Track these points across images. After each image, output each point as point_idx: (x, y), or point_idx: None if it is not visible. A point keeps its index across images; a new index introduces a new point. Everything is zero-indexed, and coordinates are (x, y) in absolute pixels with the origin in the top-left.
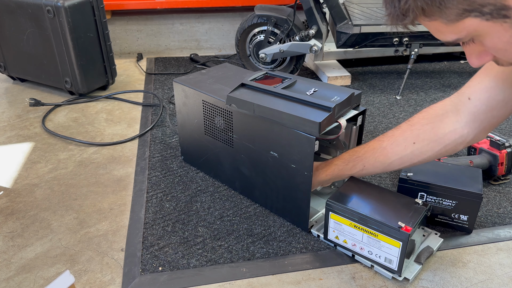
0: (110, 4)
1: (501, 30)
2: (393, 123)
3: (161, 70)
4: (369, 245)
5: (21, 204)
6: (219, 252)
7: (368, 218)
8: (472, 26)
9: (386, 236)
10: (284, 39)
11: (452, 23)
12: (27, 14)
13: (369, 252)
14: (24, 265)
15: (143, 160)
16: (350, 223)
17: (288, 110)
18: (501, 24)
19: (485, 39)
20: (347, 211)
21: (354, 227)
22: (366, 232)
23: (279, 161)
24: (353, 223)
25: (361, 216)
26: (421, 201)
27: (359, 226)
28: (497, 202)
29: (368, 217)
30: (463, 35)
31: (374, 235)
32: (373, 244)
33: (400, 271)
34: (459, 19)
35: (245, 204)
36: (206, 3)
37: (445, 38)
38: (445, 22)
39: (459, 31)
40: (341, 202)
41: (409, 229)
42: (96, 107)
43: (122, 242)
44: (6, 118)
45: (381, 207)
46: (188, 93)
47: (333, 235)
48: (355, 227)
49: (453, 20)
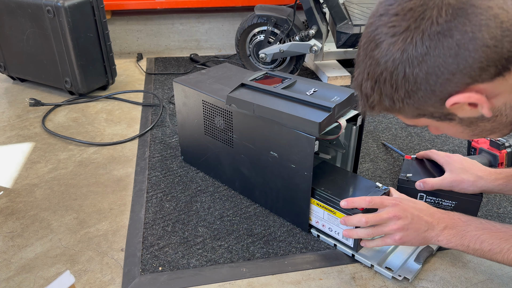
0: (110, 4)
1: (449, 126)
2: (393, 123)
3: (161, 70)
4: (329, 222)
5: (21, 204)
6: (219, 252)
7: (326, 195)
8: (426, 122)
9: (341, 213)
10: (284, 39)
11: (411, 119)
12: (27, 14)
13: (329, 229)
14: (24, 265)
15: (143, 160)
16: (313, 201)
17: (288, 110)
18: (448, 123)
19: (438, 128)
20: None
21: (317, 205)
22: (326, 210)
23: (279, 161)
24: (315, 201)
25: (319, 193)
26: (382, 186)
27: (321, 204)
28: (497, 202)
29: (326, 194)
30: (419, 125)
31: (333, 212)
32: (332, 221)
33: (356, 248)
34: (416, 118)
35: (245, 204)
36: (206, 3)
37: (405, 122)
38: (405, 118)
39: (416, 123)
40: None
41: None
42: (96, 107)
43: (122, 242)
44: (6, 118)
45: (341, 187)
46: (188, 93)
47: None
48: (317, 205)
49: (411, 118)
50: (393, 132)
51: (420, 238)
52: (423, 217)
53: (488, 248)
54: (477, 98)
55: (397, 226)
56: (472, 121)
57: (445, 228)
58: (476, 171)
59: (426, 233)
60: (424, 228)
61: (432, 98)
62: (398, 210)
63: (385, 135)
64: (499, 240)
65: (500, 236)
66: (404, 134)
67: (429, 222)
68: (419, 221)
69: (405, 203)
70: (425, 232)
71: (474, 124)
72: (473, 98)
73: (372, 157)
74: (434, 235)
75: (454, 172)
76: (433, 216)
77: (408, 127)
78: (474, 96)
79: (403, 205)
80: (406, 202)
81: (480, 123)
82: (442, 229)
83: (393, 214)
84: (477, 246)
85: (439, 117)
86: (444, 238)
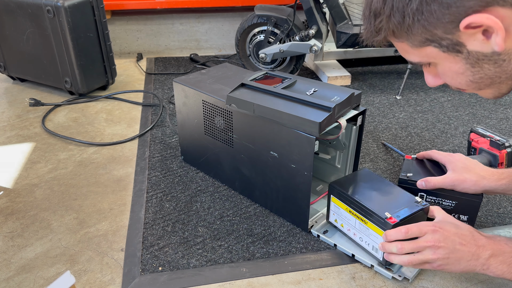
0: (110, 4)
1: (453, 61)
2: (393, 123)
3: (161, 70)
4: (360, 232)
5: (21, 204)
6: (219, 252)
7: (360, 205)
8: (431, 54)
9: (374, 225)
10: (284, 39)
11: (416, 47)
12: (27, 14)
13: (360, 238)
14: (24, 265)
15: (143, 160)
16: (346, 208)
17: (288, 110)
18: (454, 57)
19: (439, 66)
20: (345, 196)
21: (349, 212)
22: (358, 219)
23: (279, 161)
24: (348, 208)
25: (355, 201)
26: (422, 201)
27: (353, 212)
28: (497, 202)
29: (360, 204)
30: (424, 60)
31: (365, 222)
32: (363, 231)
33: (385, 261)
34: (422, 46)
35: (245, 204)
36: (206, 3)
37: (409, 58)
38: (410, 46)
39: (421, 56)
40: (341, 187)
41: (394, 220)
42: (96, 107)
43: (122, 242)
44: (6, 118)
45: (378, 198)
46: (188, 93)
47: (333, 218)
48: (350, 212)
49: (417, 45)
50: (393, 132)
51: (462, 267)
52: (466, 246)
53: None
54: (495, 22)
55: (436, 256)
56: (479, 58)
57: (491, 256)
58: (478, 170)
59: (470, 263)
60: (467, 258)
61: (446, 16)
62: (437, 238)
63: (385, 135)
64: None
65: None
66: (404, 134)
67: (472, 251)
68: (460, 251)
69: (447, 229)
70: (468, 261)
71: (478, 65)
72: (490, 20)
73: (372, 157)
74: (479, 264)
75: (456, 171)
76: (477, 244)
77: (407, 128)
78: (492, 19)
79: (443, 232)
80: (448, 228)
81: (485, 65)
82: (488, 257)
83: (432, 243)
84: None
85: (446, 47)
86: (490, 267)
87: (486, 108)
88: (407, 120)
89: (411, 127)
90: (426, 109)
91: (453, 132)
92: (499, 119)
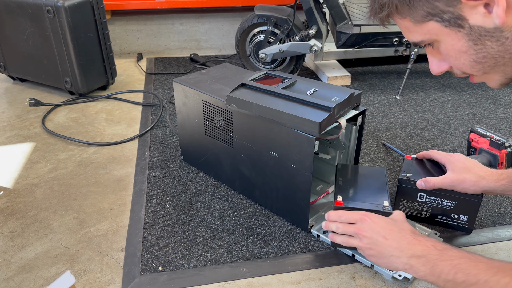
0: (110, 4)
1: (455, 38)
2: (393, 123)
3: (161, 70)
4: None
5: (21, 204)
6: (219, 252)
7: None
8: (434, 30)
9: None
10: (284, 39)
11: (419, 23)
12: (27, 14)
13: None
14: (24, 265)
15: (143, 160)
16: None
17: (288, 110)
18: (456, 33)
19: (441, 45)
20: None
21: None
22: None
23: (279, 161)
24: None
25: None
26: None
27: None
28: (497, 202)
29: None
30: (426, 38)
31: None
32: None
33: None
34: (424, 21)
35: (245, 204)
36: (206, 3)
37: (412, 38)
38: (413, 22)
39: (424, 33)
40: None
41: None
42: (96, 107)
43: (122, 242)
44: (6, 118)
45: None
46: (188, 93)
47: None
48: None
49: (419, 21)
50: (393, 132)
51: (385, 261)
52: (388, 241)
53: (462, 279)
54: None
55: (362, 245)
56: (481, 34)
57: (412, 256)
58: (478, 171)
59: (391, 259)
60: (388, 253)
61: None
62: (363, 227)
63: (385, 135)
64: (478, 271)
65: (480, 267)
66: (404, 134)
67: (393, 247)
68: (382, 245)
69: (375, 220)
70: (389, 257)
71: (481, 41)
72: None
73: (372, 157)
74: (401, 262)
75: (456, 171)
76: (399, 242)
77: (407, 128)
78: None
79: (370, 223)
80: (377, 220)
81: (487, 42)
82: (409, 257)
83: (357, 231)
84: (449, 277)
85: (448, 21)
86: (410, 267)
87: (486, 108)
88: (407, 120)
89: (411, 127)
90: (426, 109)
91: (453, 132)
92: (499, 119)
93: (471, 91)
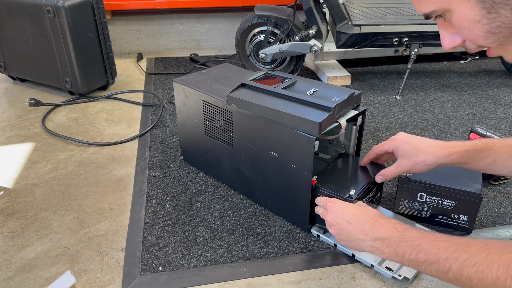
0: (110, 4)
1: (468, 6)
2: (393, 123)
3: (161, 70)
4: None
5: (21, 204)
6: (219, 252)
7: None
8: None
9: None
10: (284, 39)
11: None
12: (27, 14)
13: None
14: (24, 265)
15: (143, 160)
16: None
17: (288, 110)
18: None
19: (453, 15)
20: None
21: None
22: None
23: (279, 161)
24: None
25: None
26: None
27: None
28: (497, 202)
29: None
30: (438, 7)
31: None
32: None
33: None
34: None
35: (245, 204)
36: (206, 3)
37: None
38: None
39: (435, 2)
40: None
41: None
42: (96, 107)
43: (122, 242)
44: (6, 118)
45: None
46: (188, 93)
47: None
48: None
49: None
50: (393, 132)
51: (353, 245)
52: (352, 226)
53: (423, 259)
54: None
55: (333, 231)
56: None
57: (376, 239)
58: (425, 148)
59: (357, 242)
60: (354, 237)
61: None
62: (329, 215)
63: (385, 135)
64: (437, 249)
65: (439, 245)
66: None
67: (358, 231)
68: (347, 229)
69: (338, 206)
70: (356, 240)
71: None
72: None
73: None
74: (367, 245)
75: (405, 156)
76: (362, 226)
77: (407, 128)
78: None
79: (332, 209)
80: (339, 206)
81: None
82: (373, 239)
83: (326, 218)
84: (412, 256)
85: None
86: (376, 249)
87: (486, 108)
88: (407, 120)
89: (411, 127)
90: (426, 109)
91: (453, 132)
92: (499, 119)
93: (471, 91)
